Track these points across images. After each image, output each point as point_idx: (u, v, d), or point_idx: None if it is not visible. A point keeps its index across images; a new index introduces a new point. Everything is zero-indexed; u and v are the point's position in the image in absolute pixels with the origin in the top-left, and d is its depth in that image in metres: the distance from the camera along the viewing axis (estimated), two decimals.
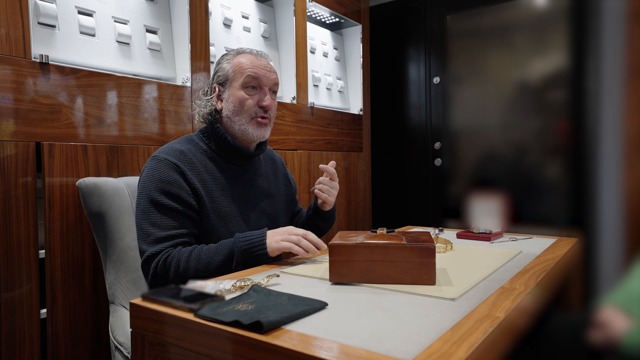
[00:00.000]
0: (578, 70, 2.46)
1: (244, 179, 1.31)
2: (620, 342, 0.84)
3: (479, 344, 0.65)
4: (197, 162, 1.22)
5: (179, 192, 1.16)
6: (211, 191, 1.22)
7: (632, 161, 2.18)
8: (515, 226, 1.61)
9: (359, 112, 2.89)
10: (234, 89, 1.26)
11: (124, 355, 1.24)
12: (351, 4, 2.77)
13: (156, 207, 1.15)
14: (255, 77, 1.25)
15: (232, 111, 1.26)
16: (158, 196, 1.15)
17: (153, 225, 1.14)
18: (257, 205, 1.32)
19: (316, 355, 0.62)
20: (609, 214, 2.36)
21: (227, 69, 1.27)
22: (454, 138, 2.93)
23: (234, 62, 1.27)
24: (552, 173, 2.58)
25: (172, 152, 1.21)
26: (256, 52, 1.31)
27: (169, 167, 1.17)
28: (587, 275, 2.34)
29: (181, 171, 1.18)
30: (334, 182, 1.38)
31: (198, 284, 0.89)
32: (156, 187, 1.16)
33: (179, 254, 1.11)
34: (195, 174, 1.20)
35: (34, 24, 1.39)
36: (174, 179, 1.16)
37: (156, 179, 1.16)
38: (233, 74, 1.26)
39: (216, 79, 1.29)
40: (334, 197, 1.39)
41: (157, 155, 1.21)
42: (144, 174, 1.20)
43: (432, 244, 0.94)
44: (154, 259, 1.12)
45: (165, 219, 1.14)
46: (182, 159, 1.20)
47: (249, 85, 1.25)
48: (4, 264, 1.28)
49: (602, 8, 2.36)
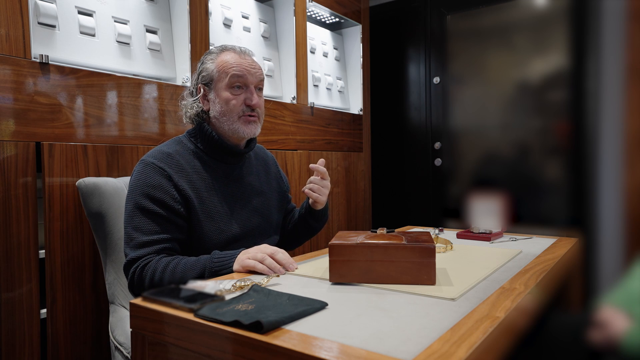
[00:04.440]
0: (578, 70, 2.46)
1: (234, 176, 1.31)
2: (620, 342, 0.84)
3: (479, 344, 0.65)
4: (184, 164, 1.22)
5: (163, 197, 1.15)
6: (200, 192, 1.21)
7: (632, 161, 2.18)
8: (515, 226, 1.61)
9: (359, 112, 2.89)
10: (219, 90, 1.25)
11: (124, 355, 1.24)
12: (351, 4, 2.77)
13: (141, 211, 1.14)
14: (240, 76, 1.24)
15: (219, 112, 1.25)
16: (142, 201, 1.14)
17: (136, 230, 1.13)
18: (249, 203, 1.31)
19: (316, 355, 0.62)
20: (609, 214, 2.36)
21: (211, 68, 1.26)
22: (454, 138, 2.93)
23: (218, 61, 1.26)
24: (552, 173, 2.58)
25: (159, 156, 1.20)
26: (239, 49, 1.29)
27: (155, 171, 1.17)
28: (587, 275, 2.34)
29: (167, 175, 1.17)
30: (325, 181, 1.37)
31: (198, 284, 0.89)
32: (141, 191, 1.15)
33: (156, 263, 1.10)
34: (182, 176, 1.19)
35: (34, 24, 1.39)
36: (159, 183, 1.16)
37: (141, 184, 1.16)
38: (218, 74, 1.25)
39: (201, 79, 1.28)
40: (325, 196, 1.39)
41: (145, 159, 1.20)
42: (132, 178, 1.19)
43: (432, 244, 0.94)
44: (134, 264, 1.12)
45: (149, 223, 1.14)
46: (169, 162, 1.20)
47: (235, 85, 1.24)
48: (4, 264, 1.27)
49: (602, 8, 2.36)
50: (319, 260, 1.19)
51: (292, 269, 1.08)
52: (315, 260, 1.20)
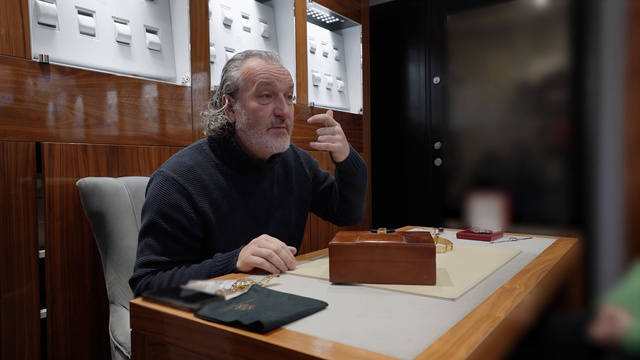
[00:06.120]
0: (578, 70, 2.46)
1: (257, 190, 1.23)
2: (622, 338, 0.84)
3: (479, 344, 0.65)
4: (207, 179, 1.14)
5: (180, 219, 1.09)
6: (220, 211, 1.15)
7: (632, 161, 2.18)
8: (515, 226, 1.61)
9: (359, 112, 2.89)
10: (246, 100, 1.16)
11: (124, 355, 1.24)
12: (351, 4, 2.77)
13: (155, 229, 1.09)
14: (268, 84, 1.15)
15: (246, 124, 1.16)
16: (158, 219, 1.09)
17: (148, 247, 1.09)
18: (270, 217, 1.26)
19: (316, 355, 0.62)
20: (609, 214, 2.36)
21: (237, 77, 1.17)
22: (454, 138, 2.93)
23: (243, 68, 1.17)
24: (552, 173, 2.58)
25: (180, 170, 1.12)
26: (266, 54, 1.20)
27: (174, 188, 1.10)
28: (587, 275, 2.34)
29: (188, 194, 1.10)
30: (332, 128, 1.24)
31: (198, 284, 0.89)
32: (158, 209, 1.09)
33: (161, 276, 1.07)
34: (204, 195, 1.13)
35: (34, 24, 1.39)
36: (178, 203, 1.09)
37: (159, 200, 1.09)
38: (244, 83, 1.16)
39: (225, 88, 1.19)
40: (339, 142, 1.24)
41: (165, 172, 1.12)
42: (150, 190, 1.13)
43: (432, 244, 0.94)
44: (138, 281, 1.09)
45: (161, 243, 1.09)
46: (191, 178, 1.12)
47: (263, 94, 1.15)
48: (4, 264, 1.27)
49: (602, 8, 2.36)
50: (319, 260, 1.19)
51: (293, 268, 1.06)
52: (315, 260, 1.20)
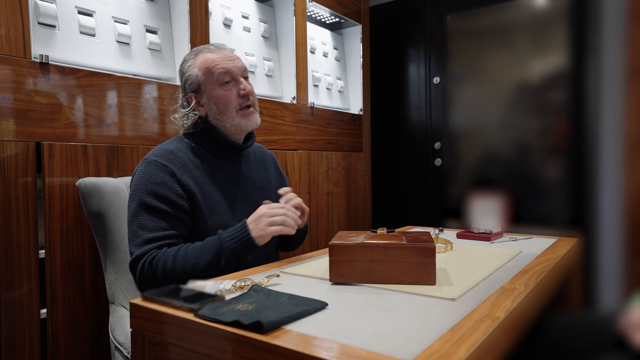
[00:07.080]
0: (578, 70, 2.46)
1: (235, 172, 1.32)
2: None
3: (479, 344, 0.65)
4: (187, 160, 1.23)
5: (167, 194, 1.16)
6: (203, 187, 1.22)
7: (632, 161, 2.18)
8: (515, 226, 1.61)
9: (359, 112, 2.89)
10: (210, 91, 1.26)
11: (123, 355, 1.24)
12: (351, 4, 2.77)
13: (145, 209, 1.15)
14: (226, 72, 1.25)
15: (217, 112, 1.26)
16: (147, 198, 1.15)
17: (141, 227, 1.14)
18: (251, 198, 1.32)
19: (316, 355, 0.62)
20: (609, 214, 2.36)
21: (196, 74, 1.26)
22: (454, 138, 2.93)
23: (199, 64, 1.27)
24: (552, 173, 2.58)
25: (161, 153, 1.21)
26: (214, 46, 1.31)
27: (158, 168, 1.18)
28: (587, 275, 2.34)
29: (171, 171, 1.18)
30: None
31: (198, 284, 0.89)
32: (145, 189, 1.16)
33: (164, 254, 1.11)
34: (185, 172, 1.21)
35: (34, 24, 1.39)
36: (163, 180, 1.17)
37: (145, 181, 1.17)
38: (204, 77, 1.26)
39: (189, 88, 1.29)
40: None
41: (147, 158, 1.21)
42: (135, 177, 1.20)
43: (432, 244, 0.94)
44: (140, 260, 1.12)
45: (154, 220, 1.14)
46: (172, 158, 1.21)
47: (224, 81, 1.25)
48: (4, 264, 1.27)
49: (602, 8, 2.36)
50: (319, 260, 1.19)
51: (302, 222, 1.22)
52: (315, 260, 1.20)
